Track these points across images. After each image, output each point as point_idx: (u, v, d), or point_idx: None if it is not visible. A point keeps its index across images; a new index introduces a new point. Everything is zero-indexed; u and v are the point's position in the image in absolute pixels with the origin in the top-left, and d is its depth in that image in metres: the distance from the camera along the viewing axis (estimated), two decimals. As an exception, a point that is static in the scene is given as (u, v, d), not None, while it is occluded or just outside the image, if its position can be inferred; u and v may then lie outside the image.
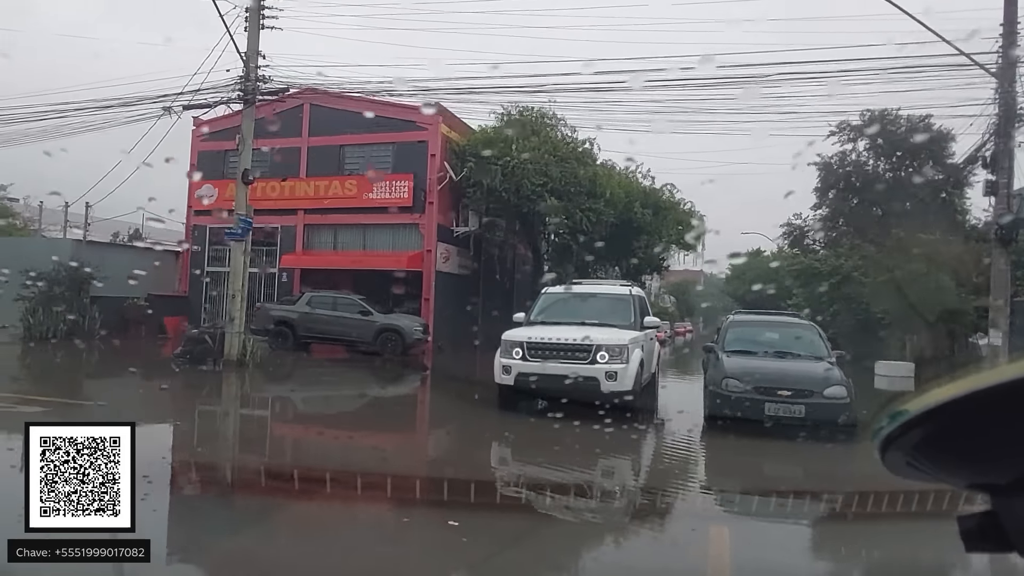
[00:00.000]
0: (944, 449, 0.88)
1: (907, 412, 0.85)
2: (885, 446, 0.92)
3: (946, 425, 0.83)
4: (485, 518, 4.96)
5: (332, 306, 18.30)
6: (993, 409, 0.76)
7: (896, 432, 0.88)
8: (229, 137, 23.68)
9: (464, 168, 20.85)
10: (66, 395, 10.35)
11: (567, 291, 10.68)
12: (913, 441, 0.88)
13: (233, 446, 8.38)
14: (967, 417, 0.80)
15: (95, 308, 19.69)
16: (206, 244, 23.22)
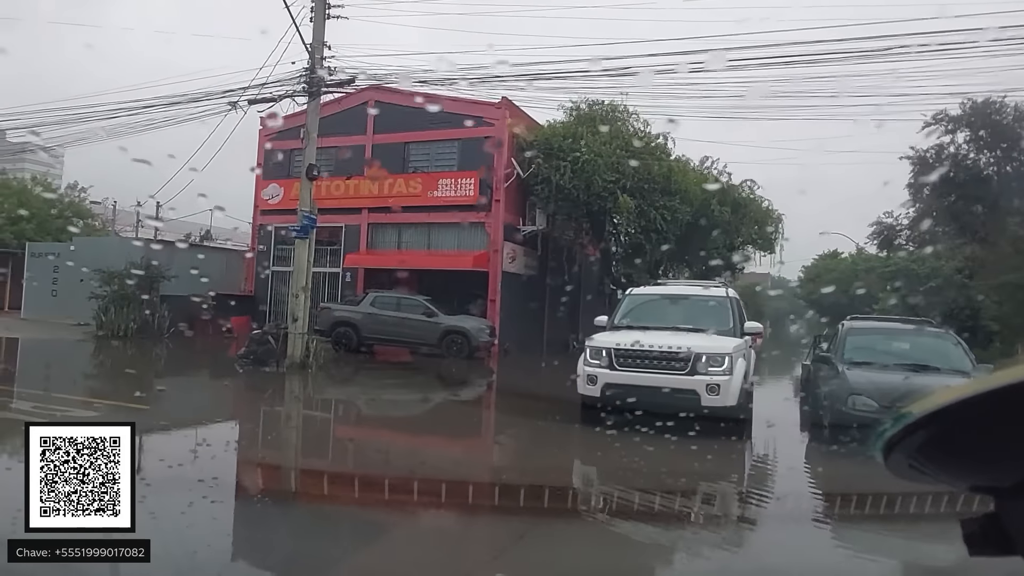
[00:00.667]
0: (947, 452, 0.88)
1: (910, 415, 0.84)
2: (888, 449, 0.91)
3: (949, 428, 0.83)
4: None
5: (396, 307, 17.76)
6: (996, 412, 0.76)
7: (899, 435, 0.87)
8: (295, 136, 23.57)
9: (531, 165, 20.01)
10: (126, 397, 10.00)
11: (655, 292, 9.67)
12: (916, 444, 0.87)
13: (293, 454, 7.75)
14: (970, 420, 0.80)
15: (164, 307, 19.76)
16: (272, 244, 23.13)
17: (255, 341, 13.43)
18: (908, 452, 0.91)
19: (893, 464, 0.95)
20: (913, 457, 0.92)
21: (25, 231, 27.71)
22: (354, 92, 19.46)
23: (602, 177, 19.39)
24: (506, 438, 9.41)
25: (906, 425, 0.86)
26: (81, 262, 20.66)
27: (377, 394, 12.68)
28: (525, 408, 11.32)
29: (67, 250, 22.32)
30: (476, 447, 8.77)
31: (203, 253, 22.91)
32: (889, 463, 0.95)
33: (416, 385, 14.27)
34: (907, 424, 0.86)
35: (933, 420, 0.82)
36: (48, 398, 9.73)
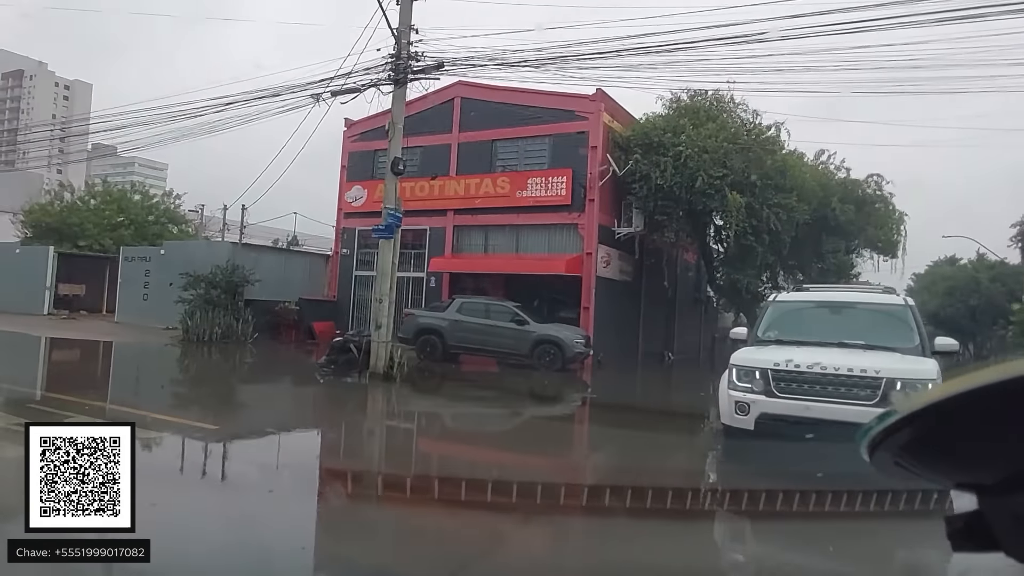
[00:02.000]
0: (932, 449, 0.89)
1: (895, 413, 0.85)
2: (873, 446, 0.92)
3: (934, 425, 0.84)
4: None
5: (484, 313, 16.55)
6: (980, 410, 0.77)
7: (884, 432, 0.88)
8: (379, 137, 22.93)
9: (629, 161, 18.44)
10: (197, 415, 9.15)
11: (809, 300, 7.93)
12: (901, 441, 0.88)
13: (375, 475, 6.52)
14: (955, 418, 0.80)
15: (248, 311, 19.37)
16: (355, 247, 22.53)
17: (336, 349, 12.49)
18: (893, 450, 0.91)
19: (878, 461, 0.95)
20: (898, 455, 0.93)
21: (124, 237, 28.38)
22: (439, 89, 18.61)
23: (707, 173, 17.59)
24: (627, 464, 7.88)
25: (891, 422, 0.86)
26: (170, 266, 20.63)
27: (468, 409, 11.43)
28: (639, 427, 9.80)
29: (157, 254, 22.42)
30: (599, 473, 7.29)
31: (287, 257, 22.55)
32: (874, 460, 0.94)
33: (508, 399, 12.93)
34: (892, 421, 0.86)
35: (918, 418, 0.83)
36: (124, 403, 9.01)
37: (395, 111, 12.48)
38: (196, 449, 6.83)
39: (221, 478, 6.12)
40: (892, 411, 0.87)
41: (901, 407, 0.85)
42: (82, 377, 13.14)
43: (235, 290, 19.41)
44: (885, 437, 0.89)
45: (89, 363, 15.22)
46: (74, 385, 11.75)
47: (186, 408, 9.92)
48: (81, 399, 9.44)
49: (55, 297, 25.09)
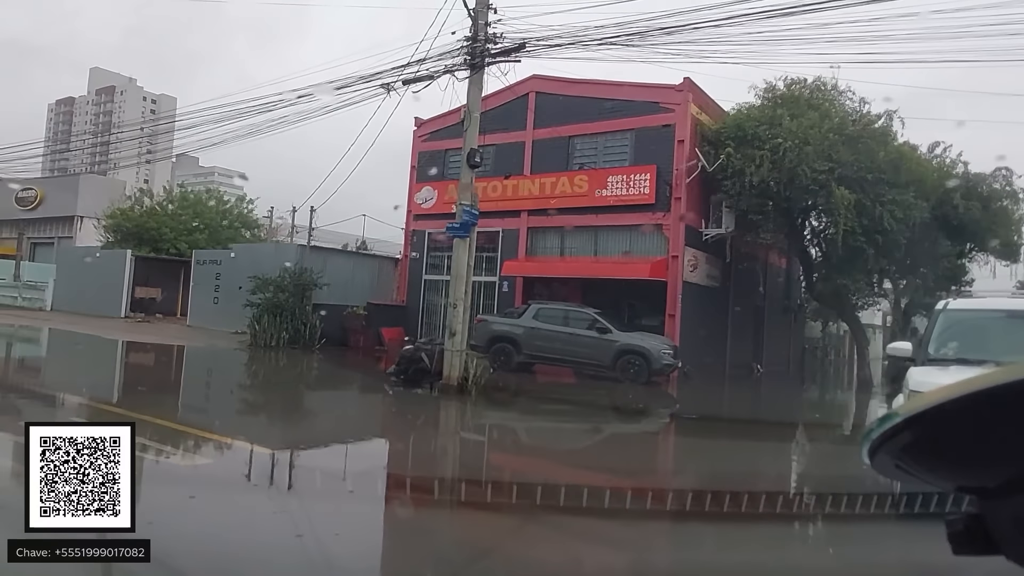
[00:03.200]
0: (932, 452, 0.89)
1: (896, 416, 0.85)
2: (874, 449, 0.91)
3: (934, 429, 0.83)
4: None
5: (563, 320, 15.33)
6: (981, 413, 0.76)
7: (885, 435, 0.88)
8: (449, 135, 22.12)
9: (720, 156, 16.87)
10: (253, 432, 8.29)
11: (996, 309, 6.34)
12: (902, 444, 0.88)
13: (451, 504, 5.40)
14: (955, 421, 0.79)
15: (316, 316, 18.77)
16: (425, 250, 21.71)
17: (406, 358, 11.51)
18: (894, 453, 0.90)
19: (879, 464, 0.94)
20: (899, 458, 0.92)
21: (198, 241, 28.59)
22: (512, 85, 17.53)
23: (810, 167, 15.84)
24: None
25: (892, 426, 0.85)
26: (240, 269, 20.32)
27: (557, 426, 10.21)
28: (764, 450, 8.37)
29: (227, 257, 22.21)
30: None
31: (355, 260, 21.93)
32: (875, 463, 0.94)
33: (597, 415, 11.62)
34: (893, 425, 0.85)
35: (919, 421, 0.82)
36: (184, 416, 8.24)
37: (471, 99, 11.45)
38: (262, 468, 5.89)
39: (287, 493, 5.18)
40: (893, 414, 0.85)
41: (902, 410, 0.84)
42: (143, 386, 12.63)
43: (303, 294, 18.86)
44: (886, 440, 0.88)
45: (153, 370, 14.80)
46: (133, 395, 11.23)
47: (246, 423, 9.12)
48: (138, 413, 8.75)
49: (132, 300, 25.35)
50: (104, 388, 11.60)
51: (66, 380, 12.54)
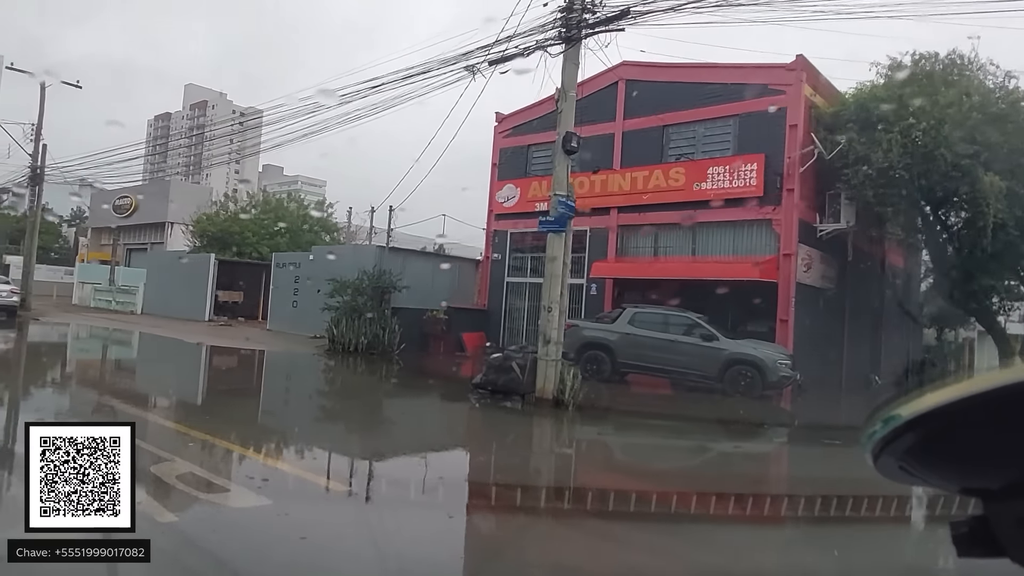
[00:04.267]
0: (936, 454, 0.88)
1: (899, 417, 0.84)
2: (878, 451, 0.90)
3: (938, 430, 0.82)
4: None
5: (662, 326, 13.84)
6: (985, 414, 0.75)
7: (888, 436, 0.87)
8: (532, 130, 20.99)
9: (841, 141, 14.97)
10: (341, 444, 7.29)
11: None
12: (905, 445, 0.87)
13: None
14: (959, 422, 0.79)
15: (395, 320, 17.97)
16: (507, 251, 20.62)
17: (495, 368, 10.34)
18: (898, 454, 0.90)
19: (882, 466, 0.93)
20: (903, 459, 0.91)
21: (279, 245, 28.63)
22: (600, 73, 16.20)
23: (951, 151, 13.74)
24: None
25: (896, 427, 0.85)
26: (319, 272, 19.82)
27: (672, 447, 8.75)
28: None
29: (306, 260, 21.81)
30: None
31: (435, 262, 21.06)
32: (878, 465, 0.93)
33: (721, 434, 10.05)
34: (896, 426, 0.85)
35: (922, 422, 0.81)
36: (258, 434, 7.37)
37: (566, 77, 10.19)
38: (338, 504, 4.82)
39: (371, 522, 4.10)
40: (896, 415, 0.84)
41: (905, 412, 0.83)
42: (217, 394, 12.02)
43: (381, 297, 18.11)
44: (889, 442, 0.87)
45: (229, 375, 14.25)
46: (214, 403, 10.58)
47: (325, 434, 8.18)
48: (202, 430, 7.96)
49: (215, 303, 25.46)
50: (185, 395, 11.08)
51: (147, 386, 12.10)
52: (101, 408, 8.78)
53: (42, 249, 41.21)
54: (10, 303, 22.24)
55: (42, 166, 24.91)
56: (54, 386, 11.23)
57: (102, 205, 39.22)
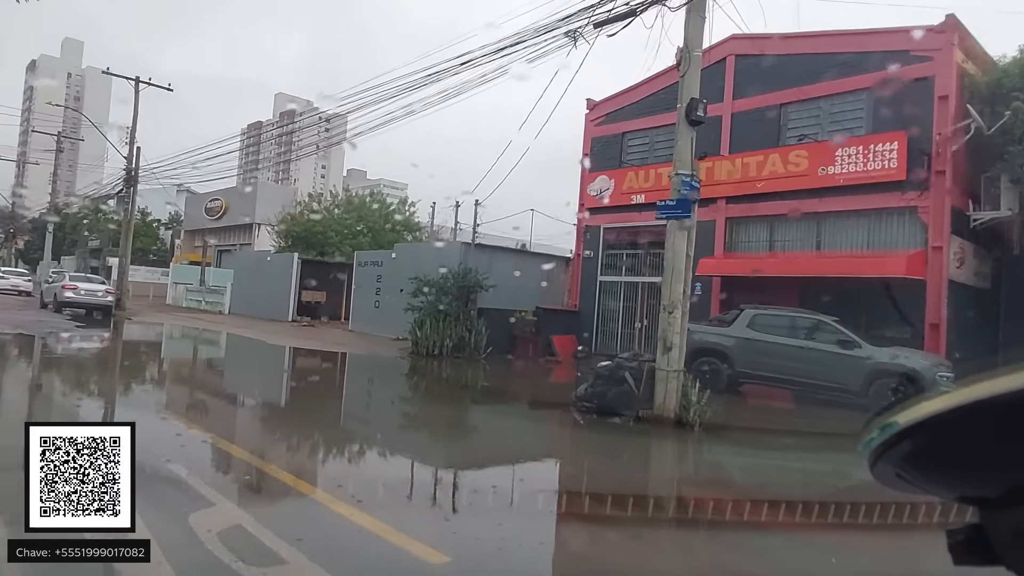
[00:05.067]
0: (934, 461, 0.88)
1: (896, 424, 0.84)
2: (875, 458, 0.90)
3: (936, 437, 0.82)
4: None
5: (789, 330, 11.98)
6: (984, 422, 0.75)
7: (885, 444, 0.86)
8: (627, 116, 19.38)
9: (1005, 113, 12.65)
10: (427, 474, 6.02)
11: None
12: (902, 453, 0.87)
13: None
14: (957, 429, 0.79)
15: (482, 321, 16.78)
16: (600, 248, 19.09)
17: (604, 378, 8.85)
18: (894, 461, 0.90)
19: (879, 473, 0.93)
20: (900, 466, 0.91)
21: (362, 245, 28.16)
22: (705, 50, 14.46)
23: None
24: None
25: (892, 434, 0.84)
26: (401, 271, 18.93)
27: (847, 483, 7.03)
28: None
29: (388, 258, 20.98)
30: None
31: (522, 260, 19.75)
32: (875, 472, 0.93)
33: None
34: (893, 433, 0.84)
35: (920, 429, 0.81)
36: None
37: (690, 33, 8.64)
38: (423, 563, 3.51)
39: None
40: (893, 422, 0.84)
41: (902, 418, 0.83)
42: (306, 398, 11.09)
43: (467, 297, 16.96)
44: (887, 449, 0.87)
45: (307, 380, 13.37)
46: (297, 406, 9.65)
47: (410, 445, 6.97)
48: (302, 425, 6.95)
49: (298, 304, 25.14)
50: (270, 398, 10.22)
51: (229, 389, 11.38)
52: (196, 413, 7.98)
53: (141, 251, 42.91)
54: (105, 303, 22.59)
55: (136, 168, 25.32)
56: (137, 386, 10.61)
57: (196, 209, 40.33)
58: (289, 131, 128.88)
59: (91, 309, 22.32)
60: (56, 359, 13.43)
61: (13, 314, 20.03)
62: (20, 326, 16.23)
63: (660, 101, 18.11)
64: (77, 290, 22.08)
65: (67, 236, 46.28)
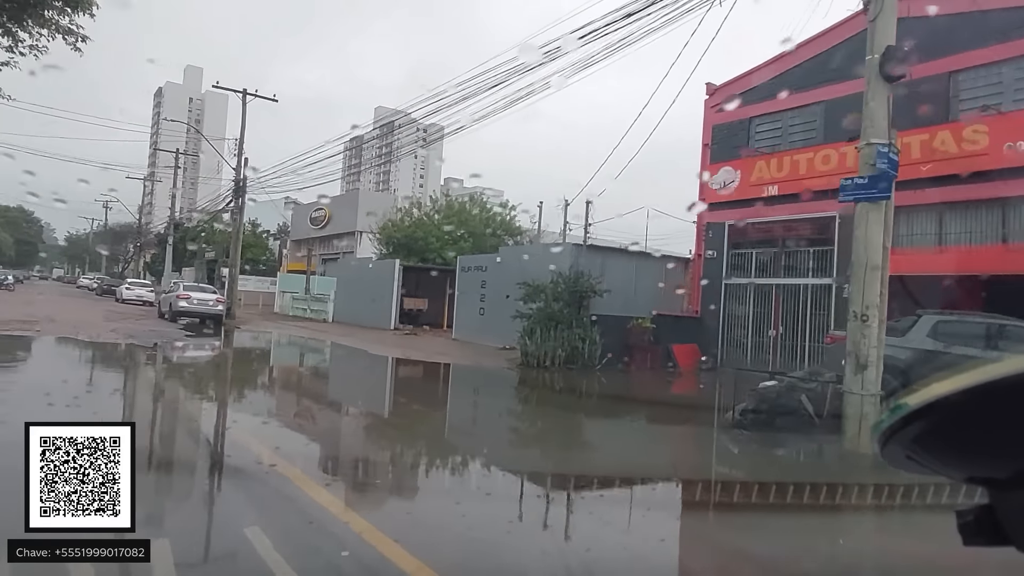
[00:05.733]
0: (944, 443, 0.88)
1: (907, 405, 0.84)
2: (885, 439, 0.91)
3: (946, 419, 0.82)
4: None
5: (984, 341, 9.77)
6: (994, 404, 0.75)
7: (896, 425, 0.87)
8: (753, 99, 17.38)
9: None
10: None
11: None
12: (913, 434, 0.87)
13: None
14: (968, 411, 0.79)
15: (596, 330, 15.32)
16: (725, 247, 17.17)
17: (770, 401, 7.15)
18: (905, 443, 0.90)
19: (889, 455, 0.94)
20: (910, 448, 0.91)
21: (463, 250, 27.37)
22: (858, 12, 12.42)
23: None
24: None
25: (903, 416, 0.85)
26: (507, 276, 17.78)
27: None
28: None
29: (493, 262, 19.88)
30: None
31: (637, 262, 18.08)
32: (885, 453, 0.94)
33: None
34: (904, 415, 0.85)
35: (930, 411, 0.81)
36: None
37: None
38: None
39: None
40: (904, 404, 0.84)
41: (912, 400, 0.83)
42: (414, 411, 10.02)
43: (580, 303, 15.56)
44: (897, 430, 0.88)
45: (409, 399, 12.28)
46: (404, 421, 8.58)
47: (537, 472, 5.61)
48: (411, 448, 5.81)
49: (400, 311, 24.58)
50: (373, 408, 9.24)
51: (334, 402, 10.54)
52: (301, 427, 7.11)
53: (252, 262, 44.37)
54: (216, 312, 22.86)
55: (244, 178, 25.67)
56: (245, 396, 9.93)
57: (301, 219, 41.21)
58: (387, 142, 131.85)
59: (203, 318, 22.67)
60: (160, 372, 13.15)
61: (132, 323, 20.46)
62: (133, 336, 16.28)
63: (795, 79, 16.07)
64: (190, 300, 22.42)
65: (186, 248, 48.74)
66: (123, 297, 32.98)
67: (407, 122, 32.57)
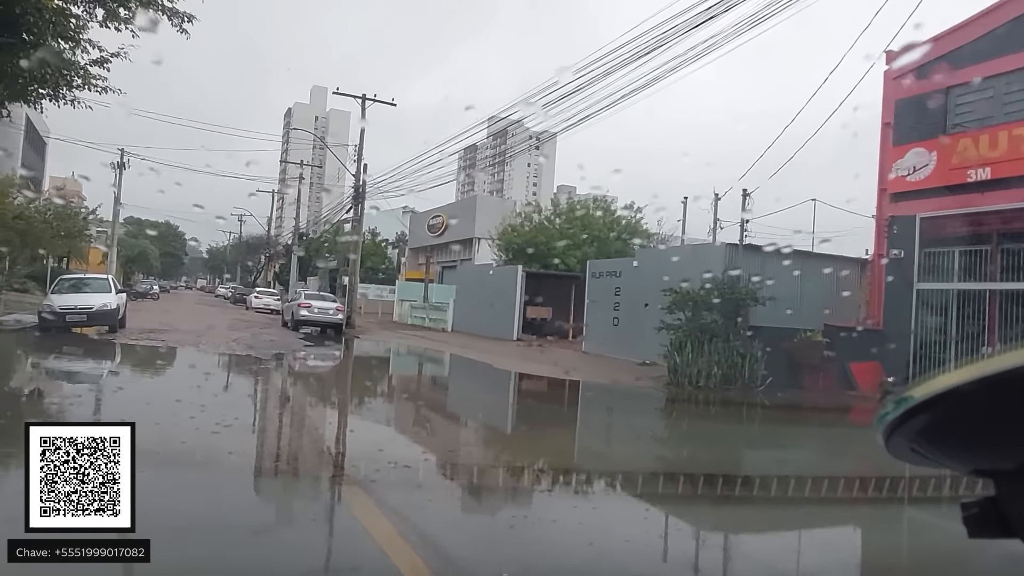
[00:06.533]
0: (948, 435, 0.88)
1: (912, 398, 0.84)
2: (889, 432, 0.90)
3: (951, 411, 0.82)
4: None
5: None
6: (999, 396, 0.75)
7: (900, 418, 0.87)
8: (954, 65, 14.37)
9: None
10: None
11: None
12: (917, 427, 0.87)
13: None
14: (972, 404, 0.79)
15: (756, 343, 13.01)
16: (915, 246, 14.23)
17: None
18: (909, 435, 0.90)
19: (894, 447, 0.94)
20: (915, 440, 0.91)
21: (587, 255, 25.59)
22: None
23: None
24: None
25: (907, 408, 0.85)
26: (645, 281, 15.78)
27: None
28: None
29: (629, 267, 17.87)
30: None
31: (801, 263, 15.36)
32: (890, 446, 0.93)
33: None
34: (908, 407, 0.85)
35: (935, 404, 0.81)
36: None
37: None
38: None
39: None
40: (909, 396, 0.84)
41: (917, 392, 0.82)
42: (545, 437, 8.25)
43: (736, 313, 13.30)
44: (901, 423, 0.86)
45: (536, 428, 10.29)
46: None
47: None
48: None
49: (523, 321, 23.08)
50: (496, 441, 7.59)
51: (464, 426, 9.03)
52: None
53: (372, 270, 44.82)
54: (336, 320, 22.47)
55: (364, 183, 25.24)
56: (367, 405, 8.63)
57: (419, 227, 40.99)
58: (501, 151, 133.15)
59: (324, 327, 22.33)
60: (270, 388, 12.24)
61: (256, 331, 20.30)
62: (252, 347, 15.71)
63: (1009, 36, 13.04)
64: (311, 308, 22.14)
65: (311, 258, 50.21)
66: (252, 305, 34.62)
67: (523, 117, 31.52)
